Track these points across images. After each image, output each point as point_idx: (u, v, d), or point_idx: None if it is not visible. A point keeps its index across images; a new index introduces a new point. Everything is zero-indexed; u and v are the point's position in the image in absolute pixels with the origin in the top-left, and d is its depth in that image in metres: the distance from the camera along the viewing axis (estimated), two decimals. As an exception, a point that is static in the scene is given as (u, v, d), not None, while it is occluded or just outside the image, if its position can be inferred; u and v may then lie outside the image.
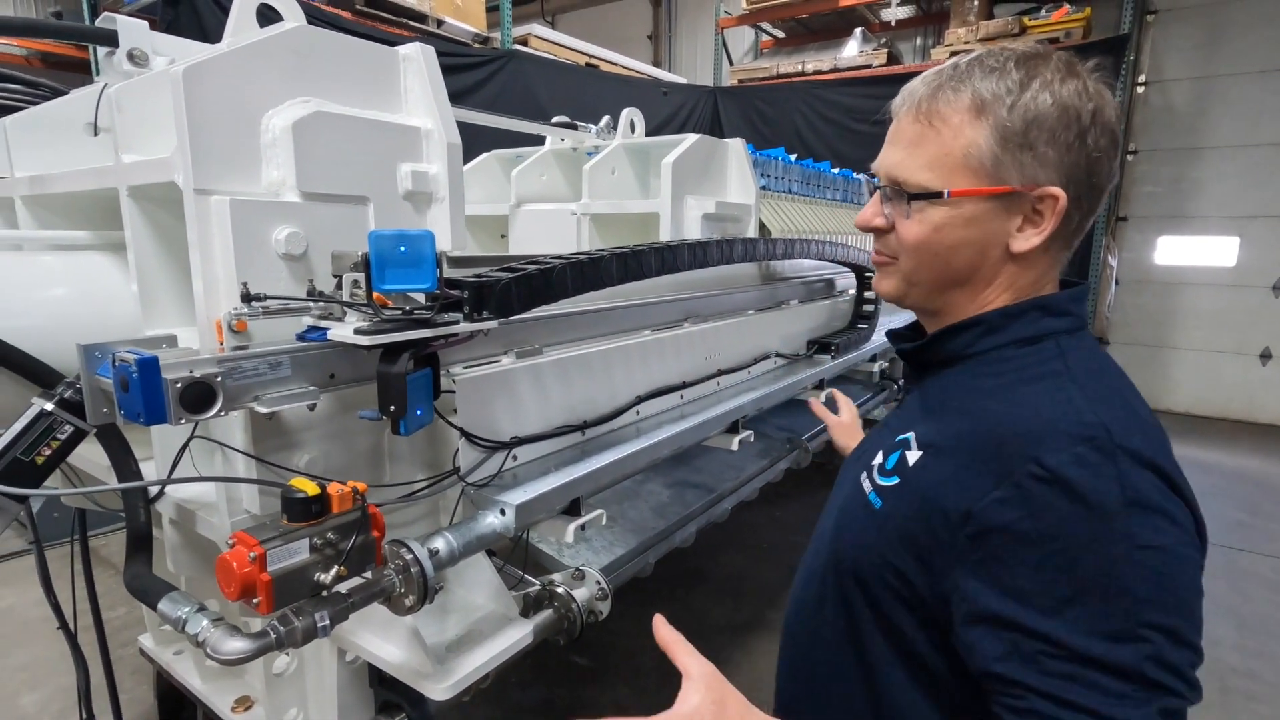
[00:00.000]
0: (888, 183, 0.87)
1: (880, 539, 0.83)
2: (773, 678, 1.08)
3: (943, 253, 0.85)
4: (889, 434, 0.91)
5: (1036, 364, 0.82)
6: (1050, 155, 0.79)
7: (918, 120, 0.84)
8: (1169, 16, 6.44)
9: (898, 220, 0.87)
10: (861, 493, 0.89)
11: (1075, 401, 0.75)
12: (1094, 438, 0.71)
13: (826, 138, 7.10)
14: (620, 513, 2.20)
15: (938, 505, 0.76)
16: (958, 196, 0.81)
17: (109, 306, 1.48)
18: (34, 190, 1.67)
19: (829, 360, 2.72)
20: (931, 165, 0.82)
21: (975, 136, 0.80)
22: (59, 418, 1.10)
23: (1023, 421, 0.75)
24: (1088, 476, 0.69)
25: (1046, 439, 0.72)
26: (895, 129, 0.88)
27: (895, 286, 0.92)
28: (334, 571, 0.98)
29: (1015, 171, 0.80)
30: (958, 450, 0.79)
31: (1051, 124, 0.78)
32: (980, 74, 0.81)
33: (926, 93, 0.83)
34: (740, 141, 2.69)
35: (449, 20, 5.40)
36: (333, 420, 1.28)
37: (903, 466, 0.84)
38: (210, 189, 1.15)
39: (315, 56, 1.29)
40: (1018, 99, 0.78)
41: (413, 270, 1.05)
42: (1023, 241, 0.82)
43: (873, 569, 0.83)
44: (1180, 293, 6.73)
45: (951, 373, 0.89)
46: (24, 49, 6.96)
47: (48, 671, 2.82)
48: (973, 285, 0.87)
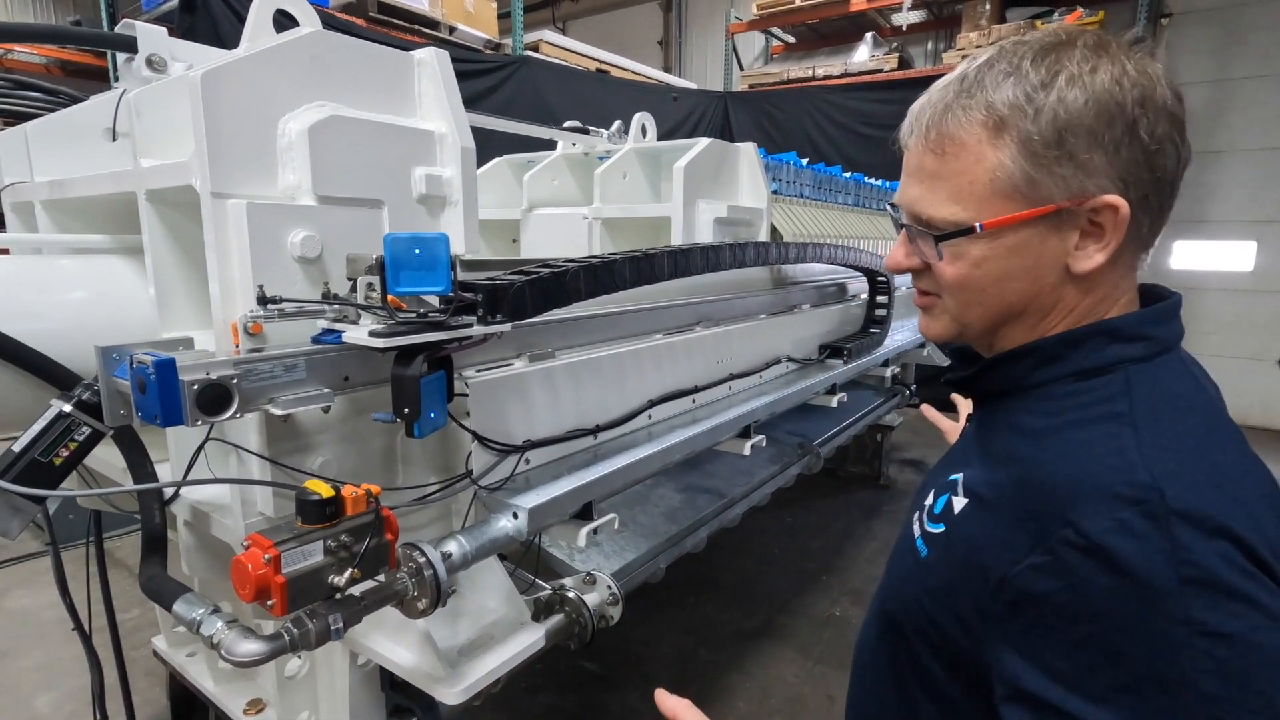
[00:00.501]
0: (911, 220, 0.77)
1: (923, 591, 0.76)
2: (781, 683, 1.06)
3: (990, 287, 0.74)
4: (944, 471, 0.82)
5: (1097, 402, 0.70)
6: (1096, 160, 0.66)
7: (929, 150, 0.73)
8: (1184, 19, 6.39)
9: (931, 260, 0.76)
10: (911, 536, 0.81)
11: (1129, 453, 0.63)
12: (1144, 500, 0.59)
13: (838, 142, 7.09)
14: (631, 517, 2.20)
15: (978, 564, 0.68)
16: (992, 228, 0.70)
17: (126, 309, 1.49)
18: (53, 195, 1.69)
19: (841, 365, 2.71)
20: (955, 198, 0.71)
21: (1000, 158, 0.69)
22: (76, 419, 1.11)
23: (1066, 476, 0.65)
24: (1132, 547, 0.58)
25: (1086, 500, 0.61)
26: (908, 160, 0.77)
27: (945, 328, 0.81)
28: (348, 574, 0.98)
29: (1057, 186, 0.68)
30: (999, 503, 0.70)
31: (1090, 124, 0.66)
32: (993, 82, 0.69)
33: (933, 116, 0.73)
34: (752, 146, 2.69)
35: (461, 27, 5.44)
36: (346, 423, 1.28)
37: (949, 514, 0.76)
38: (227, 192, 1.16)
39: (331, 61, 1.30)
40: (1042, 104, 0.66)
41: (427, 273, 1.06)
42: (1085, 260, 0.70)
43: (914, 620, 0.77)
44: (1197, 298, 6.64)
45: (1005, 406, 0.78)
46: (44, 57, 7.08)
47: (62, 672, 2.84)
48: (1029, 315, 0.75)
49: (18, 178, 1.81)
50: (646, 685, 2.83)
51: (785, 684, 2.83)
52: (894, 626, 0.81)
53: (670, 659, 3.00)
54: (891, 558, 0.88)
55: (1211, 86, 6.34)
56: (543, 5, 10.26)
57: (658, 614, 3.29)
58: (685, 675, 2.90)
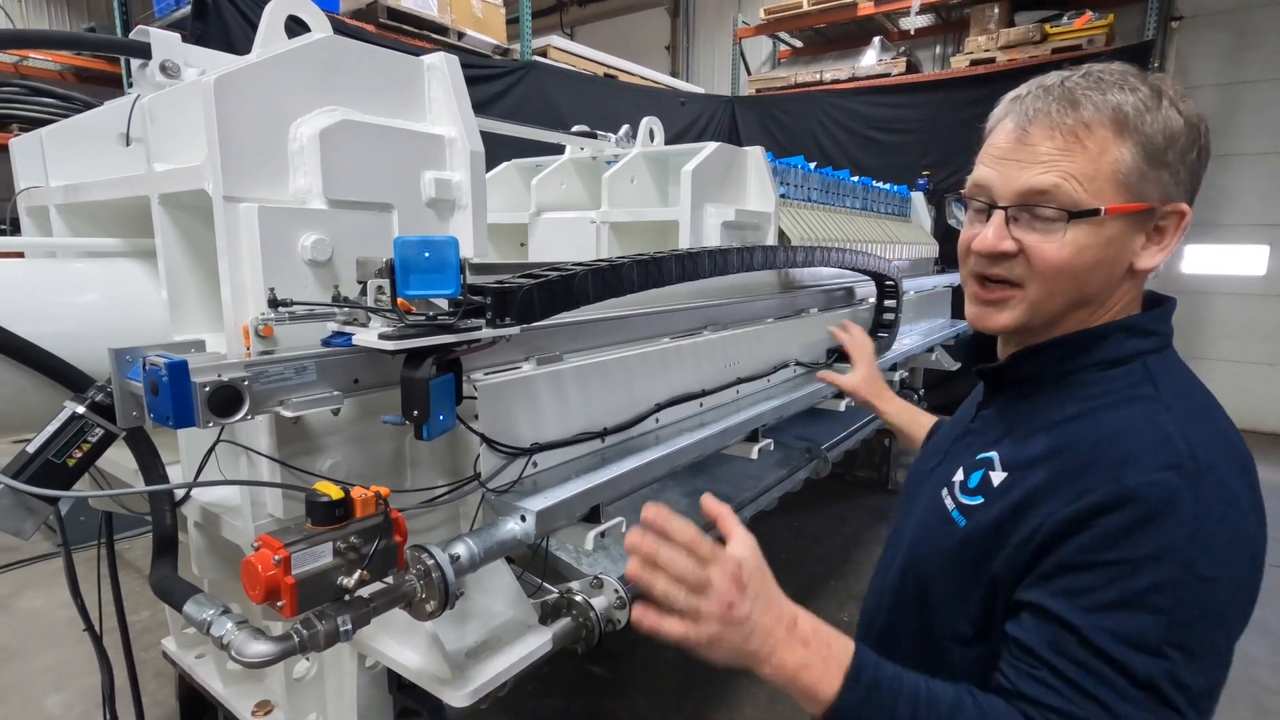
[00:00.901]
0: (1018, 201, 0.80)
1: (963, 553, 0.84)
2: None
3: (1082, 274, 0.81)
4: (968, 451, 0.91)
5: (1125, 387, 0.81)
6: (1181, 172, 0.78)
7: (1055, 133, 0.78)
8: (1195, 22, 6.36)
9: (1035, 243, 0.80)
10: (943, 508, 0.90)
11: (1165, 427, 0.75)
12: (1180, 465, 0.72)
13: (845, 147, 7.07)
14: (639, 521, 2.20)
15: (1020, 525, 0.78)
16: (1114, 213, 0.77)
17: (139, 312, 1.50)
18: (68, 199, 1.71)
19: (849, 368, 2.69)
20: (1082, 182, 0.77)
21: (1121, 153, 0.76)
22: (90, 421, 1.12)
23: (1112, 447, 0.76)
24: (1168, 498, 0.70)
25: (1134, 464, 0.73)
26: (1018, 144, 0.80)
27: (1018, 317, 0.85)
28: (357, 575, 0.98)
29: (1155, 189, 0.78)
30: (1043, 474, 0.79)
31: (1183, 142, 0.77)
32: (1109, 88, 0.77)
33: (1061, 105, 0.78)
34: (760, 150, 2.69)
35: (470, 33, 5.47)
36: (356, 425, 1.29)
37: (986, 486, 0.85)
38: (239, 196, 1.17)
39: (342, 66, 1.31)
40: (1156, 115, 0.76)
41: (436, 276, 1.06)
42: (1148, 259, 0.81)
43: (951, 581, 0.85)
44: (1209, 303, 6.59)
45: (1034, 393, 0.88)
46: (58, 64, 7.16)
47: (73, 673, 2.86)
48: (1090, 305, 0.84)
49: (33, 182, 1.83)
50: (653, 690, 2.82)
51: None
52: (927, 589, 0.89)
53: (678, 664, 2.99)
54: (914, 531, 0.96)
55: (1222, 90, 6.30)
56: (551, 11, 10.32)
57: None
58: (692, 680, 2.89)
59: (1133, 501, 0.71)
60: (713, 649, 0.76)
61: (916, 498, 1.01)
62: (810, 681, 0.75)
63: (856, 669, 0.75)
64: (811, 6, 7.12)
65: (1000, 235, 0.82)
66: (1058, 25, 6.09)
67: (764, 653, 0.76)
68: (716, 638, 0.75)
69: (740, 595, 0.75)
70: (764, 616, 0.76)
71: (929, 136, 6.60)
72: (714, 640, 0.75)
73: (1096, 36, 5.92)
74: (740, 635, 0.75)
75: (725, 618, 0.75)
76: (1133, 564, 0.69)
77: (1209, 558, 0.69)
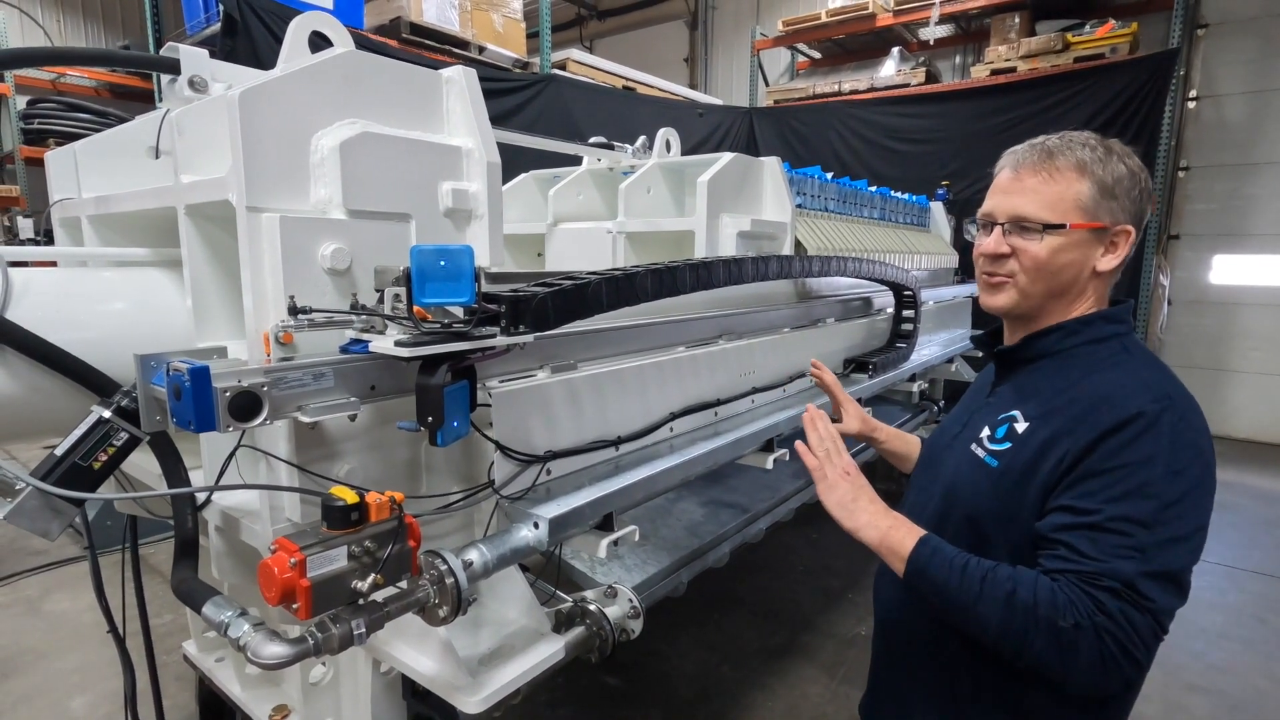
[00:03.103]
0: (1011, 220, 1.15)
1: (1001, 487, 1.12)
2: (808, 704, 1.28)
3: (1056, 269, 1.13)
4: (990, 415, 1.21)
5: (1109, 356, 1.13)
6: (1126, 204, 1.12)
7: (1038, 174, 1.13)
8: (1220, 30, 6.26)
9: (1023, 247, 1.14)
10: (975, 458, 1.18)
11: (1144, 377, 1.08)
12: (1159, 397, 1.03)
13: (864, 157, 7.05)
14: (653, 531, 2.19)
15: (1047, 454, 1.07)
16: (1075, 228, 1.11)
17: (166, 319, 1.54)
18: (99, 210, 1.76)
19: (866, 379, 2.68)
20: (1051, 207, 1.12)
21: (1082, 187, 1.11)
22: (115, 425, 1.15)
23: (1111, 390, 1.06)
24: (1152, 419, 1.01)
25: (1130, 399, 1.03)
26: (1013, 182, 1.16)
27: (1011, 299, 1.18)
28: (371, 579, 0.99)
29: (1107, 214, 1.12)
30: (1059, 416, 1.08)
31: (1128, 183, 1.12)
32: (1077, 147, 1.13)
33: (1039, 156, 1.14)
34: (776, 160, 2.69)
35: (490, 46, 5.55)
36: (372, 432, 1.31)
37: (1012, 435, 1.14)
38: (261, 206, 1.20)
39: (363, 80, 1.34)
40: (1107, 165, 1.12)
41: (452, 284, 1.08)
42: (1105, 263, 1.14)
43: (995, 510, 1.12)
44: (1237, 313, 6.45)
45: (1039, 367, 1.19)
46: (93, 80, 7.39)
47: (97, 675, 2.91)
48: (1068, 296, 1.17)
49: (66, 194, 1.89)
50: (668, 702, 2.80)
51: (810, 703, 2.78)
52: (975, 523, 1.15)
53: (693, 675, 2.96)
54: (948, 482, 1.23)
55: (1249, 98, 6.19)
56: (571, 25, 10.45)
57: (681, 630, 3.26)
58: (708, 692, 2.86)
59: (1128, 424, 1.01)
60: (832, 492, 1.19)
61: (943, 459, 1.29)
62: (898, 539, 1.11)
63: (926, 536, 1.10)
64: (830, 18, 7.14)
65: (999, 242, 1.17)
66: (1080, 34, 6.03)
67: (864, 514, 1.16)
68: (834, 483, 1.20)
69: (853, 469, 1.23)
70: (865, 491, 1.19)
71: (949, 146, 6.55)
72: (833, 484, 1.20)
73: (1120, 45, 5.86)
74: (850, 490, 1.19)
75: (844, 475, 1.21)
76: (1130, 467, 1.00)
77: (1180, 459, 1.00)
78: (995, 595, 1.00)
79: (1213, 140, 6.38)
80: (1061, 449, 1.05)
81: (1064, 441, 1.05)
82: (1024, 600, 0.98)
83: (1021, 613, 0.97)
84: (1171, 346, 6.63)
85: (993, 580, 1.01)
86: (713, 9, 9.61)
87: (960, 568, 1.04)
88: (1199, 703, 2.77)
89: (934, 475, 1.30)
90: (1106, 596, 0.95)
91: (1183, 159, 6.48)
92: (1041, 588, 0.98)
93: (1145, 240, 5.93)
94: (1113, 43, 5.88)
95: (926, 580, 1.07)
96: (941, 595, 1.05)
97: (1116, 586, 0.95)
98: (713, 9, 9.61)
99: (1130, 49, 5.89)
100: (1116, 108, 5.73)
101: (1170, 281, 6.40)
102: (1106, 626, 0.94)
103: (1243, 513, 4.81)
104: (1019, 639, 0.98)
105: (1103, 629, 0.94)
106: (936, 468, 1.31)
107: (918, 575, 1.08)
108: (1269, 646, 3.19)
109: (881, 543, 1.12)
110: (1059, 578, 0.99)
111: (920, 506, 1.29)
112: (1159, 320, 6.26)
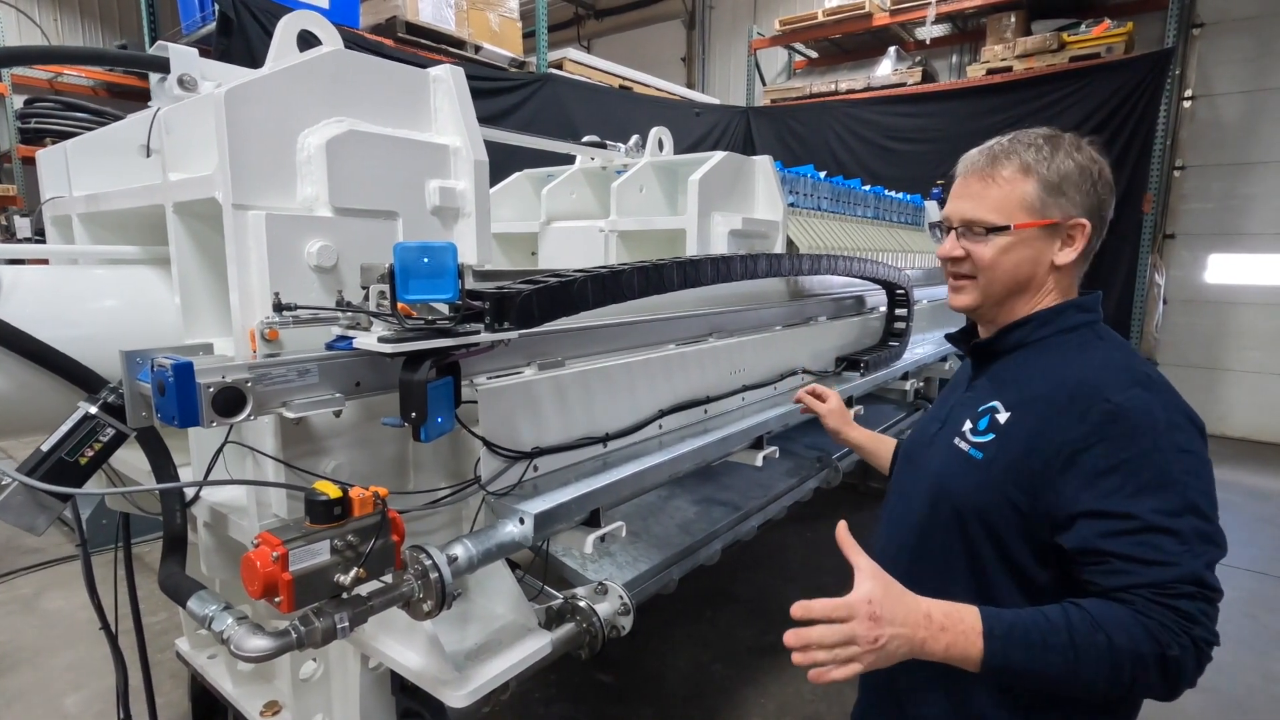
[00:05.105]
0: (961, 224, 1.18)
1: (988, 479, 1.10)
2: (798, 700, 1.25)
3: (1010, 268, 1.15)
4: (970, 409, 1.20)
5: (1082, 343, 1.15)
6: (1077, 198, 1.13)
7: (983, 179, 1.16)
8: (1216, 30, 6.27)
9: (973, 249, 1.17)
10: (959, 452, 1.17)
11: (1119, 360, 1.09)
12: (1140, 380, 1.04)
13: (860, 156, 7.06)
14: (645, 528, 2.20)
15: (1036, 445, 1.06)
16: (1019, 229, 1.13)
17: (155, 317, 1.55)
18: (90, 208, 1.77)
19: (858, 377, 2.69)
20: (996, 209, 1.14)
21: (1025, 189, 1.13)
22: (102, 421, 1.15)
23: (1089, 375, 1.07)
24: (1144, 406, 1.01)
25: (1110, 383, 1.04)
26: (962, 187, 1.19)
27: (973, 298, 1.20)
28: (353, 573, 1.00)
29: (1056, 210, 1.13)
30: (1042, 404, 1.08)
31: (1076, 178, 1.13)
32: (1020, 149, 1.14)
33: (985, 161, 1.16)
34: (767, 159, 2.70)
35: (486, 46, 5.56)
36: (359, 428, 1.31)
37: (995, 425, 1.13)
38: (248, 204, 1.21)
39: (350, 79, 1.35)
40: (1053, 162, 1.12)
41: (435, 281, 1.09)
42: (1063, 257, 1.15)
43: (982, 503, 1.11)
44: (1233, 312, 6.46)
45: (1015, 358, 1.20)
46: (91, 80, 7.39)
47: (91, 673, 2.91)
48: (1029, 291, 1.18)
49: (58, 193, 1.90)
50: (662, 699, 2.81)
51: (802, 700, 2.79)
52: (963, 517, 1.13)
53: (686, 673, 2.97)
54: (934, 477, 1.21)
55: (1245, 97, 6.20)
56: (568, 24, 10.45)
57: (674, 628, 3.27)
58: (701, 690, 2.87)
59: (1123, 415, 1.01)
60: (878, 666, 0.96)
61: (926, 455, 1.28)
62: (960, 653, 0.97)
63: (989, 628, 0.97)
64: (827, 17, 7.14)
65: (953, 246, 1.20)
66: (1075, 34, 6.04)
67: (917, 650, 0.97)
68: (875, 664, 0.95)
69: (879, 626, 0.95)
70: (904, 627, 0.96)
71: (945, 146, 6.56)
72: (875, 665, 0.95)
73: (1115, 44, 5.87)
74: (893, 648, 0.96)
75: (875, 649, 0.95)
76: (1139, 458, 0.99)
77: (1181, 436, 1.01)
78: (1093, 655, 0.93)
79: (1208, 139, 6.39)
80: (1053, 440, 1.04)
81: (1053, 432, 1.04)
82: (1124, 646, 0.92)
83: (1129, 660, 0.92)
84: (1167, 345, 6.64)
85: (1082, 638, 0.93)
86: (710, 8, 9.61)
87: (1040, 643, 0.94)
88: (1192, 700, 2.76)
89: (917, 474, 1.29)
90: (1186, 603, 0.93)
91: (1178, 158, 6.49)
92: (1131, 625, 0.93)
93: (1140, 239, 5.94)
94: (1108, 42, 5.89)
95: (1013, 674, 0.97)
96: (1035, 678, 0.97)
97: (1191, 590, 0.93)
98: (710, 8, 9.61)
99: (1126, 48, 5.90)
100: (1112, 107, 5.75)
101: (1166, 280, 6.41)
102: (1201, 635, 0.92)
103: (1237, 511, 4.83)
104: (1132, 685, 0.94)
105: (1199, 640, 0.92)
106: (919, 466, 1.29)
107: (1000, 673, 0.97)
108: (1262, 644, 3.20)
109: (947, 658, 0.98)
110: (1131, 597, 0.94)
111: (905, 507, 1.29)
112: (1154, 319, 6.26)
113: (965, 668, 0.97)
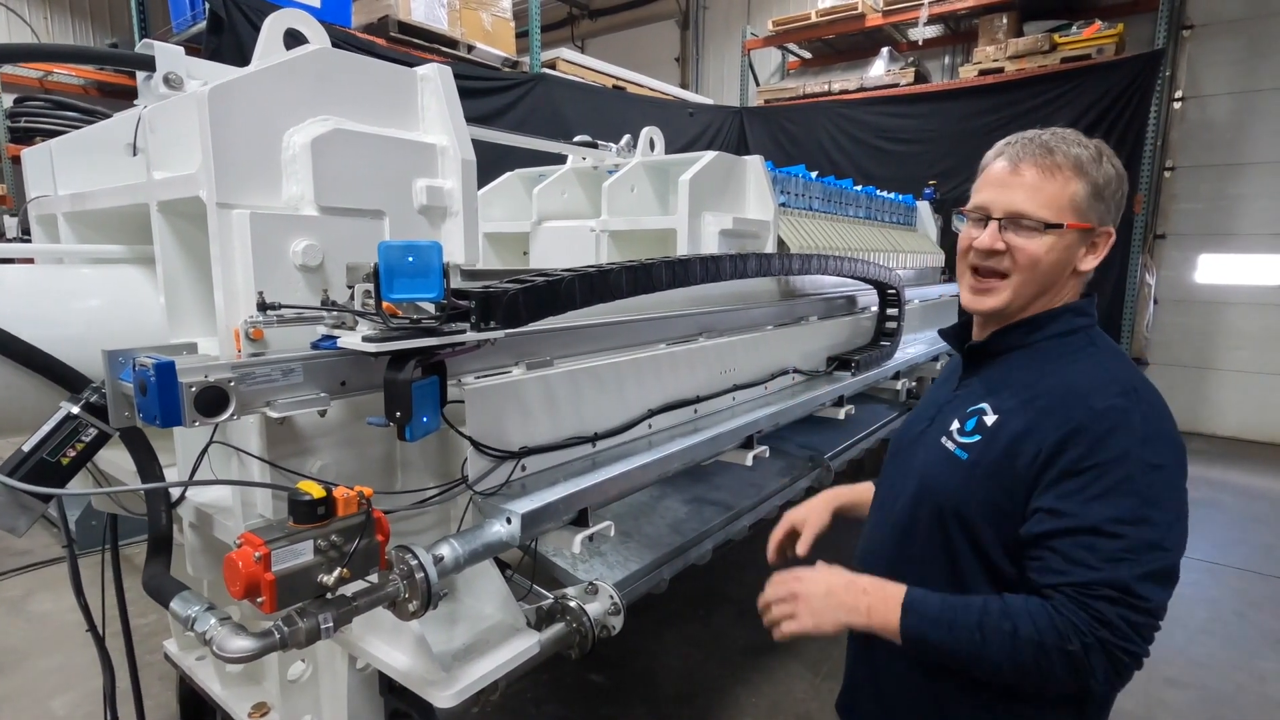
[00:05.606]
0: (1007, 215, 1.12)
1: (971, 479, 1.11)
2: (789, 699, 1.29)
3: (1048, 269, 1.12)
4: (958, 409, 1.20)
5: (1075, 348, 1.14)
6: (1111, 206, 1.13)
7: (1040, 170, 1.10)
8: (1206, 31, 6.31)
9: (1019, 244, 1.11)
10: (945, 451, 1.17)
11: (1110, 369, 1.09)
12: (1126, 390, 1.04)
13: (854, 156, 7.08)
14: (636, 528, 2.20)
15: (1019, 449, 1.06)
16: (1070, 228, 1.10)
17: (140, 316, 1.54)
18: (74, 207, 1.76)
19: (849, 377, 2.69)
20: (1049, 205, 1.10)
21: (1078, 188, 1.10)
22: (84, 420, 1.15)
23: (1077, 382, 1.07)
24: (1123, 414, 1.01)
25: (1096, 391, 1.04)
26: (1011, 175, 1.12)
27: (1004, 299, 1.15)
28: (337, 573, 1.00)
29: (1095, 216, 1.12)
30: (1029, 409, 1.08)
31: (1115, 185, 1.12)
32: (1072, 145, 1.11)
33: (1041, 152, 1.11)
34: (758, 159, 2.70)
35: (479, 45, 5.54)
36: (345, 428, 1.31)
37: (981, 427, 1.13)
38: (232, 203, 1.20)
39: (336, 77, 1.34)
40: (1100, 166, 1.11)
41: (420, 280, 1.08)
42: (1086, 264, 1.15)
43: (962, 501, 1.12)
44: (1223, 312, 6.50)
45: (1008, 360, 1.19)
46: (81, 78, 7.34)
47: (79, 675, 2.90)
48: (1048, 296, 1.16)
49: (43, 191, 1.88)
50: (653, 698, 2.81)
51: (794, 700, 2.80)
52: (944, 516, 1.14)
53: (678, 673, 2.97)
54: (919, 476, 1.22)
55: (1235, 98, 6.24)
56: (562, 24, 10.44)
57: (666, 627, 3.27)
58: (693, 689, 2.87)
59: (1099, 420, 1.01)
60: (820, 624, 1.13)
61: (912, 453, 1.28)
62: (881, 619, 1.08)
63: (908, 602, 1.07)
64: (820, 18, 7.16)
65: (994, 238, 1.13)
66: (1067, 35, 6.08)
67: (836, 602, 1.12)
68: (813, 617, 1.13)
69: (799, 581, 1.17)
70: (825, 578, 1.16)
71: (938, 146, 6.59)
72: (813, 620, 1.13)
73: (1106, 46, 5.90)
74: (812, 591, 1.14)
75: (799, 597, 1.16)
76: (1107, 464, 0.99)
77: (1154, 451, 1.00)
78: (998, 639, 0.99)
79: (1198, 140, 6.43)
80: (1034, 443, 1.04)
81: (1036, 436, 1.05)
82: (1027, 635, 0.97)
83: (1030, 649, 0.97)
84: (1158, 345, 6.68)
85: (990, 623, 1.00)
86: (704, 9, 9.62)
87: (949, 622, 1.03)
88: (1178, 697, 2.79)
89: (904, 469, 1.29)
90: (1104, 605, 0.95)
91: (1168, 159, 6.53)
92: (1039, 616, 0.97)
93: (1131, 240, 5.98)
94: (1099, 43, 5.92)
95: (928, 647, 1.05)
96: (947, 655, 1.04)
97: (1114, 595, 0.95)
98: (704, 9, 9.62)
99: (1116, 50, 5.93)
100: (1103, 108, 5.78)
101: (1156, 281, 6.45)
102: (1110, 639, 0.94)
103: (1226, 510, 4.85)
104: (1035, 675, 0.98)
105: (1107, 642, 0.94)
106: (907, 461, 1.30)
107: (916, 645, 1.06)
108: (1249, 642, 3.22)
109: (870, 624, 1.10)
110: (1052, 595, 0.98)
111: (892, 500, 1.30)
112: (1145, 319, 6.30)
113: (886, 636, 1.08)
